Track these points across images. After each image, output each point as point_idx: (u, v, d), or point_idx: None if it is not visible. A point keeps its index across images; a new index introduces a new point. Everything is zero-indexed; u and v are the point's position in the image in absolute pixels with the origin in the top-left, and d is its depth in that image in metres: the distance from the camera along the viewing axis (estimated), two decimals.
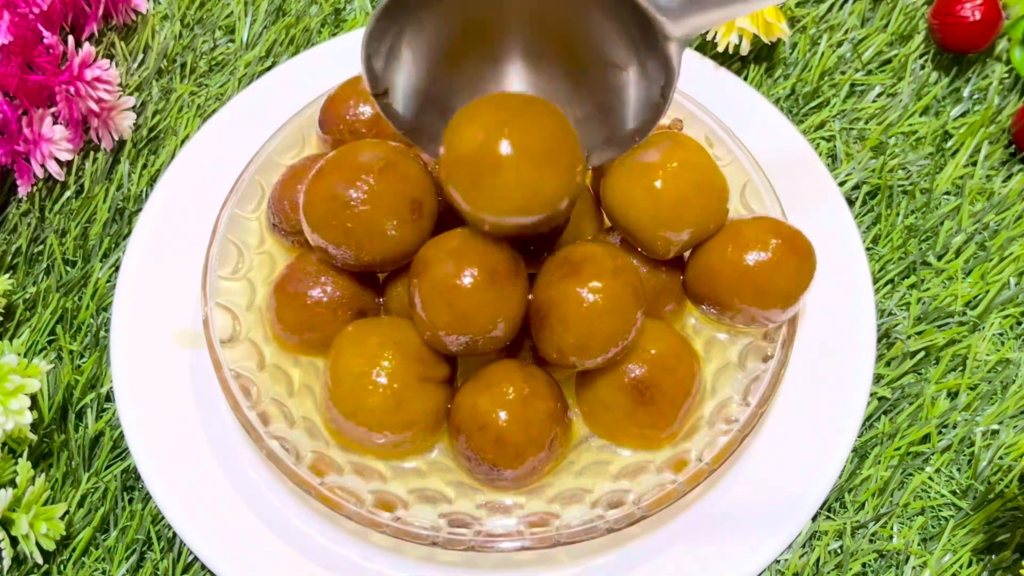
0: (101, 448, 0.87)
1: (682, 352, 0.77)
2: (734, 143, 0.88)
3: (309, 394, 0.81)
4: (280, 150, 0.91)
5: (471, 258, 0.72)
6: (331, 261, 0.79)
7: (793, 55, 1.08)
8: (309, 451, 0.77)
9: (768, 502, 0.81)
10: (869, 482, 0.84)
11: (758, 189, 0.86)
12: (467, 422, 0.74)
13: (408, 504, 0.75)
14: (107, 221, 0.97)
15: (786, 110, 1.04)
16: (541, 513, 0.75)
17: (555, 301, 0.73)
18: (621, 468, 0.77)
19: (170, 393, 0.86)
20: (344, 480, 0.76)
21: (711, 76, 1.02)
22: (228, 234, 0.86)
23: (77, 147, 0.99)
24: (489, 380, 0.75)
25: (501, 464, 0.73)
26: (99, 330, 0.92)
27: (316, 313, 0.79)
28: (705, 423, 0.78)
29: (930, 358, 0.90)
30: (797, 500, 0.81)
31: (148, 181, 1.00)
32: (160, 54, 1.08)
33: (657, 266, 0.80)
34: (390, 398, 0.73)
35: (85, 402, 0.88)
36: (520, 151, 0.68)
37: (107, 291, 0.93)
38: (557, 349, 0.74)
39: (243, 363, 0.80)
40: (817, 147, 1.01)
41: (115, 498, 0.84)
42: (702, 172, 0.78)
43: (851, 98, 1.06)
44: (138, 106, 1.05)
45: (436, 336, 0.74)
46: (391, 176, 0.75)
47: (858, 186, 0.99)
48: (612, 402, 0.76)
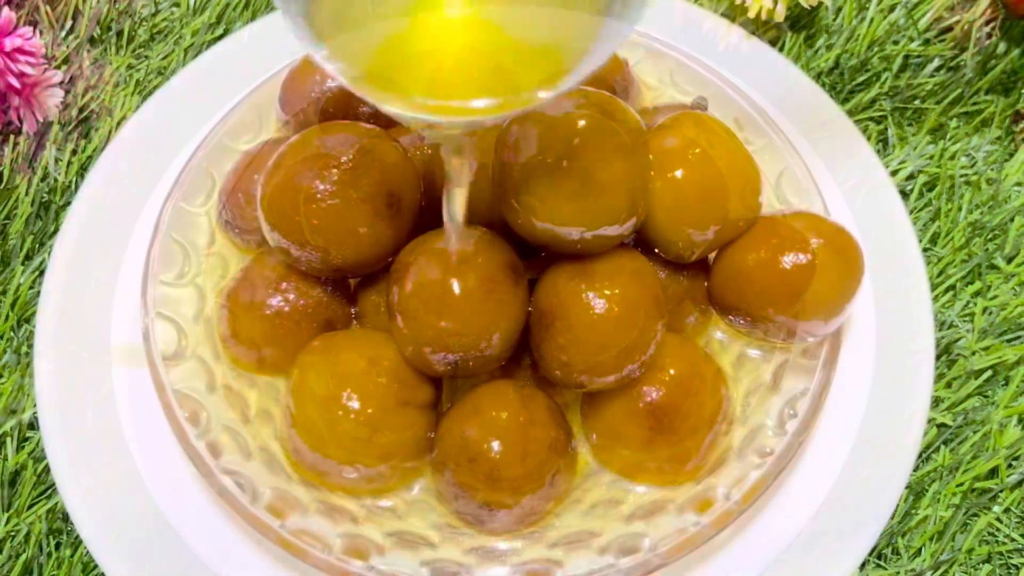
0: (22, 484, 0.86)
1: (707, 372, 0.78)
2: (768, 125, 0.89)
3: (268, 420, 0.80)
4: (233, 134, 0.91)
5: (462, 261, 0.72)
6: (294, 264, 0.79)
7: (837, 22, 1.09)
8: (268, 488, 0.76)
9: (807, 547, 0.81)
10: (926, 524, 0.84)
11: (796, 179, 0.86)
12: (454, 454, 0.74)
13: (384, 550, 0.75)
14: (30, 217, 0.97)
15: (829, 86, 1.05)
16: (540, 560, 0.75)
17: (561, 308, 0.73)
18: (635, 508, 0.77)
19: (105, 420, 0.85)
20: (309, 522, 0.75)
21: (741, 47, 1.02)
22: (172, 232, 0.85)
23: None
24: (480, 404, 0.75)
25: (494, 503, 0.73)
26: (20, 345, 0.92)
27: (276, 325, 0.79)
28: (734, 455, 0.78)
29: (998, 378, 0.90)
30: (842, 545, 0.81)
31: (78, 170, 1.00)
32: (92, 20, 1.09)
33: (677, 270, 0.81)
34: (363, 425, 0.73)
35: (4, 430, 0.88)
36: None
37: (30, 299, 0.94)
38: (562, 365, 0.74)
39: (190, 384, 0.80)
40: (865, 130, 1.01)
41: (39, 543, 0.84)
42: (730, 159, 0.78)
43: (905, 72, 1.06)
44: (66, 82, 1.05)
45: (419, 353, 0.74)
46: (364, 164, 0.75)
47: (913, 176, 0.99)
48: (625, 431, 0.76)
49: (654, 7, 1.04)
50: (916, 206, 0.98)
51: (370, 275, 0.81)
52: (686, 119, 0.79)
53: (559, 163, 0.70)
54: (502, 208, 0.74)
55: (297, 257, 0.77)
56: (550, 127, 0.71)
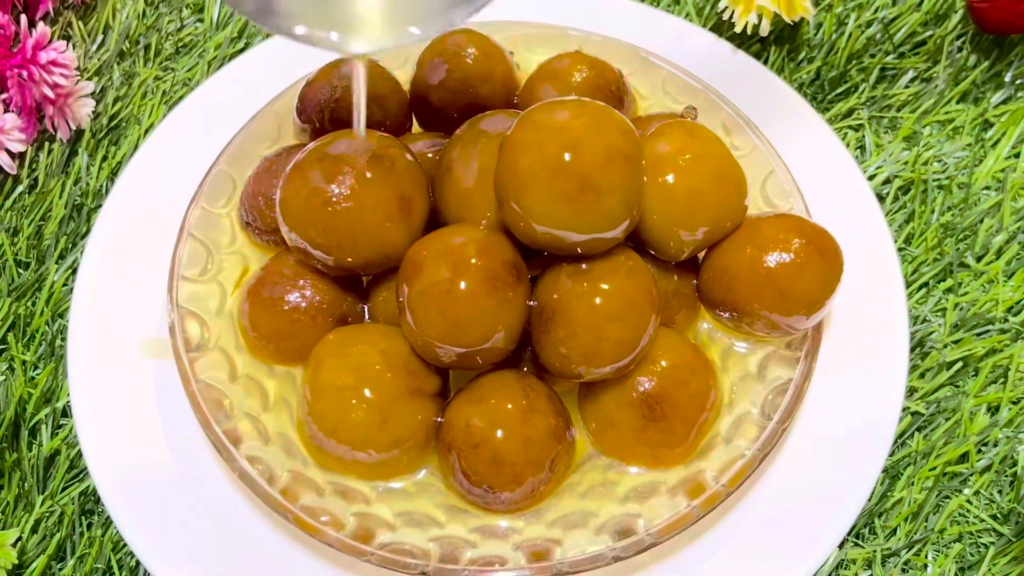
0: (57, 468, 0.86)
1: (696, 363, 0.78)
2: (753, 133, 0.89)
3: (285, 408, 0.80)
4: (254, 140, 0.91)
5: (468, 260, 0.72)
6: (310, 263, 0.79)
7: (818, 36, 1.09)
8: (285, 471, 0.76)
9: (790, 527, 0.81)
10: (901, 505, 0.84)
11: (780, 183, 0.87)
12: (460, 440, 0.74)
13: (395, 528, 0.75)
14: (63, 218, 0.97)
15: (810, 97, 1.05)
16: (541, 539, 0.75)
17: (561, 303, 0.73)
18: (629, 490, 0.77)
19: (133, 407, 0.86)
20: (324, 502, 0.75)
21: (728, 60, 1.02)
22: (197, 232, 0.85)
23: (30, 137, 1.00)
24: (484, 393, 0.75)
25: (497, 486, 0.73)
26: (55, 338, 0.92)
27: (294, 320, 0.80)
28: (721, 440, 0.78)
29: (968, 369, 0.90)
30: (822, 525, 0.81)
31: (108, 174, 1.00)
32: (122, 35, 1.09)
33: (668, 268, 0.81)
34: (375, 413, 0.73)
35: (39, 418, 0.88)
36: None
37: (63, 295, 0.94)
38: (561, 357, 0.74)
39: (213, 374, 0.80)
40: (844, 137, 1.01)
41: (72, 523, 0.84)
42: (718, 164, 0.78)
43: (881, 83, 1.06)
44: (97, 92, 1.05)
45: (427, 346, 0.74)
46: (377, 169, 0.75)
47: (889, 180, 0.99)
48: (619, 419, 0.76)
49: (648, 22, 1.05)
50: (892, 208, 0.98)
51: (382, 273, 0.81)
52: (677, 127, 0.79)
53: (558, 169, 0.69)
54: (504, 211, 0.74)
55: (313, 256, 0.77)
56: (550, 135, 0.71)
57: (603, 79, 0.90)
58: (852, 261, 0.79)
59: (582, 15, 1.04)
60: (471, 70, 0.89)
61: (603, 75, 0.90)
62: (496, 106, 0.88)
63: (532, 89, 0.91)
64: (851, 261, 0.79)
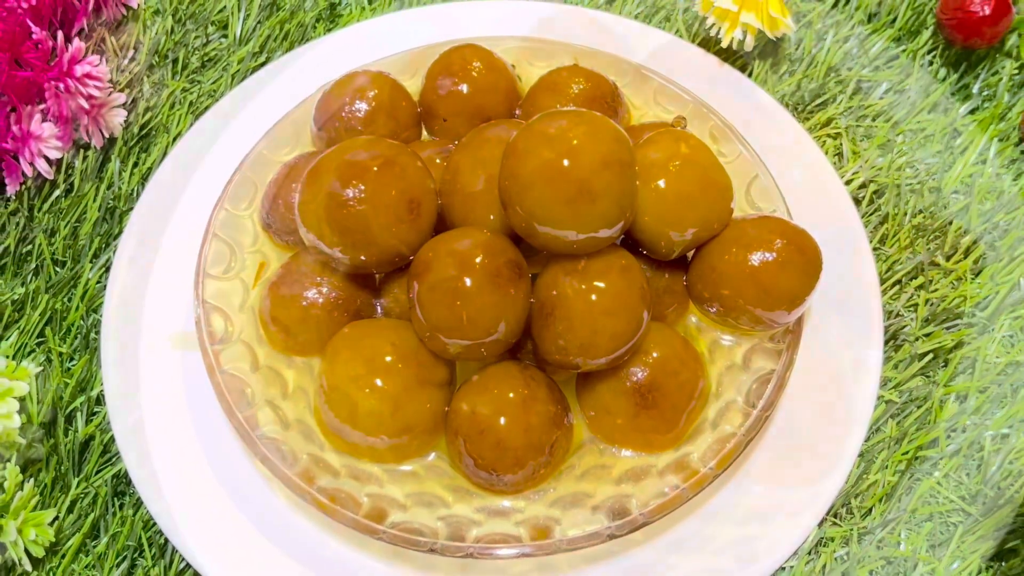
0: (91, 452, 0.87)
1: (685, 355, 0.78)
2: (738, 141, 0.89)
3: (303, 396, 0.81)
4: (274, 147, 0.91)
5: (473, 259, 0.72)
6: (327, 261, 0.79)
7: (798, 51, 1.09)
8: (304, 454, 0.77)
9: (773, 508, 0.81)
10: (876, 487, 0.84)
11: (763, 187, 0.87)
12: (466, 426, 0.74)
13: (406, 508, 0.75)
14: (97, 220, 0.97)
15: (791, 107, 1.05)
16: (541, 517, 0.75)
17: (560, 299, 0.73)
18: (623, 472, 0.77)
19: (162, 396, 0.86)
20: (340, 483, 0.76)
21: (715, 72, 1.02)
22: (221, 233, 0.86)
23: (67, 145, 1.00)
24: (488, 383, 0.75)
25: (500, 469, 0.74)
26: (89, 332, 0.92)
27: (312, 314, 0.80)
28: (709, 426, 0.78)
29: (938, 360, 0.90)
30: (803, 505, 0.81)
31: (139, 179, 1.00)
32: (151, 50, 1.09)
33: (660, 266, 0.81)
34: (387, 401, 0.74)
35: (75, 405, 0.88)
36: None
37: (97, 292, 0.94)
38: (560, 349, 0.74)
39: (236, 364, 0.81)
40: (823, 145, 1.01)
41: (105, 503, 0.84)
42: (706, 170, 0.78)
43: (857, 95, 1.06)
44: (129, 103, 1.05)
45: (436, 339, 0.74)
46: (388, 174, 0.76)
47: (865, 184, 0.99)
48: (614, 406, 0.76)
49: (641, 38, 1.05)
50: (867, 211, 0.98)
51: (393, 271, 0.81)
52: (667, 135, 0.80)
53: (557, 174, 0.70)
54: (508, 213, 0.74)
55: (329, 255, 0.77)
56: (550, 142, 0.71)
57: (599, 90, 0.90)
58: (831, 260, 0.79)
59: (579, 31, 1.04)
60: (477, 82, 0.89)
61: (599, 87, 0.90)
62: (500, 116, 0.89)
63: (533, 100, 0.91)
64: (830, 260, 0.79)
